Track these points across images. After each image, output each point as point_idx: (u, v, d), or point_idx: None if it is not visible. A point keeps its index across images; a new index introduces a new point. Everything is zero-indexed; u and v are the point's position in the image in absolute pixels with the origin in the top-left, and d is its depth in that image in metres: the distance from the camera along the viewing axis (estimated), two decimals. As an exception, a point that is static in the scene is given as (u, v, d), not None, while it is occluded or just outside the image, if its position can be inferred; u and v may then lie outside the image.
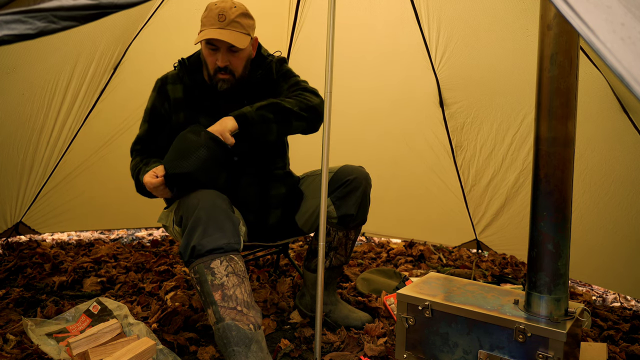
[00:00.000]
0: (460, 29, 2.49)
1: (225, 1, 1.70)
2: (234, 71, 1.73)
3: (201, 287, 1.44)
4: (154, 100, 1.82)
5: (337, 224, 1.82)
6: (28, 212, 2.90)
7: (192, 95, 1.80)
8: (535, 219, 1.35)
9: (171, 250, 2.98)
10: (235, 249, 1.47)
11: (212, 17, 1.66)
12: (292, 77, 1.88)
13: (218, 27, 1.65)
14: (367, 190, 1.81)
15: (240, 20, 1.68)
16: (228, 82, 1.74)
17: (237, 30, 1.68)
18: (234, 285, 1.44)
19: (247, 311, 1.43)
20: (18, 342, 1.69)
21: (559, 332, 1.24)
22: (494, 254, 2.97)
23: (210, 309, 1.43)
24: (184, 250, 1.46)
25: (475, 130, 2.72)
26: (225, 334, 1.39)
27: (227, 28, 1.66)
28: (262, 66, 1.84)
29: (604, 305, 2.34)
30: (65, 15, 0.73)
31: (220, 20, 1.65)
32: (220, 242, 1.44)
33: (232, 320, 1.39)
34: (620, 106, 2.09)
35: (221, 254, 1.44)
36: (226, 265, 1.44)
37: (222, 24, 1.65)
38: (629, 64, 0.61)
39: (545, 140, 1.32)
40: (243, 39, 1.68)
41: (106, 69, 2.61)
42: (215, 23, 1.66)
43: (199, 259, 1.44)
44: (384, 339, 1.79)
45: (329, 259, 1.88)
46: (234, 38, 1.66)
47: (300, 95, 1.76)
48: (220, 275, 1.43)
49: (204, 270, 1.43)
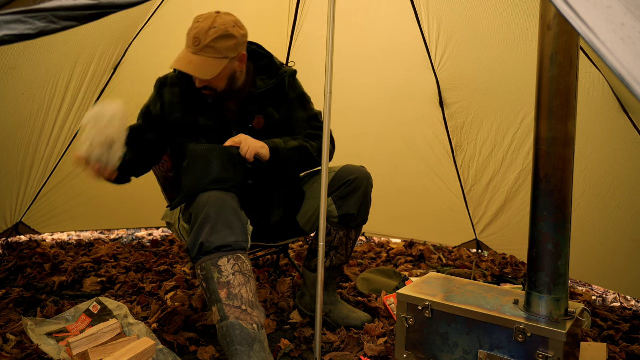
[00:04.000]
0: (460, 29, 2.49)
1: (208, 19, 1.65)
2: (216, 88, 1.73)
3: (207, 285, 1.44)
4: (150, 100, 1.84)
5: (338, 224, 1.82)
6: (28, 212, 2.90)
7: (190, 97, 1.79)
8: (535, 219, 1.35)
9: (171, 250, 2.98)
10: (243, 247, 1.48)
11: (190, 39, 1.65)
12: (307, 101, 1.91)
13: (192, 51, 1.63)
14: (369, 190, 1.81)
15: (216, 44, 1.63)
16: (212, 96, 1.75)
17: (209, 56, 1.63)
18: (240, 284, 1.44)
19: (251, 311, 1.43)
20: (18, 342, 1.69)
21: (559, 332, 1.24)
22: (494, 254, 2.97)
23: (215, 307, 1.43)
24: (192, 246, 1.46)
25: (475, 130, 2.72)
26: (228, 333, 1.39)
27: (199, 54, 1.63)
28: (275, 77, 1.84)
29: (604, 305, 2.34)
30: (65, 15, 0.73)
31: (195, 44, 1.63)
32: (228, 240, 1.44)
33: (236, 319, 1.40)
34: (620, 106, 2.09)
35: (229, 252, 1.44)
36: (233, 264, 1.44)
37: (196, 48, 1.63)
38: (629, 64, 0.61)
39: (545, 140, 1.32)
40: (213, 66, 1.64)
41: (106, 69, 2.61)
42: (191, 46, 1.64)
43: (206, 255, 1.44)
44: (384, 339, 1.79)
45: (329, 258, 1.88)
46: (200, 68, 1.63)
47: (318, 138, 1.83)
48: (227, 273, 1.43)
49: (211, 268, 1.43)
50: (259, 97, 1.82)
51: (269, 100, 1.85)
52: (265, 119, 1.84)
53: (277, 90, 1.86)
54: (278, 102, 1.87)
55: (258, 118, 1.84)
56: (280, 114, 1.88)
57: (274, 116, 1.86)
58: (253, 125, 1.83)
